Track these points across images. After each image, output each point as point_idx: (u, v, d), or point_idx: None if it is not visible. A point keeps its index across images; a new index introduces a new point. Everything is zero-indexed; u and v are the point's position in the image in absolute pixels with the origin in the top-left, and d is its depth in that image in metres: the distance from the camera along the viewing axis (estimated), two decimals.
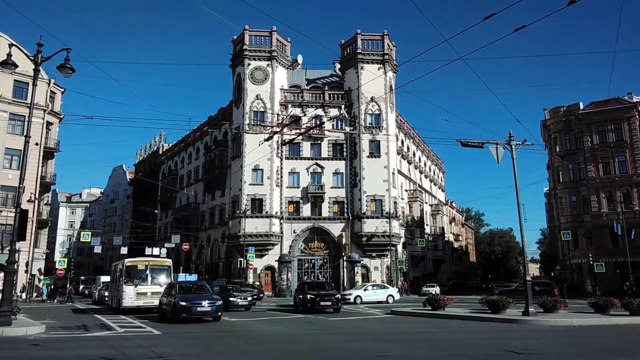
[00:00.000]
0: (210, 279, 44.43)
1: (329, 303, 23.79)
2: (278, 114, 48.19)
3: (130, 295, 22.00)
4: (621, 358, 10.82)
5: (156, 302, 21.84)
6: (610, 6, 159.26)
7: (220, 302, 18.52)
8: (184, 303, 17.66)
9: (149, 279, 22.75)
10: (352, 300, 31.69)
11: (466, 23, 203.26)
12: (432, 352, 11.42)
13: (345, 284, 44.42)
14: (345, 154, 49.01)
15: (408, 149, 61.69)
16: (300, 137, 45.46)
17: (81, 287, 51.70)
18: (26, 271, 38.02)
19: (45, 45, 16.05)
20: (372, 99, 48.17)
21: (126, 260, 23.87)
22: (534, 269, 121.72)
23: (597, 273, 41.19)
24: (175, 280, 25.79)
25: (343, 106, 49.84)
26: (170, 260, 25.32)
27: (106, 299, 32.37)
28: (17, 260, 17.33)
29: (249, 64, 48.93)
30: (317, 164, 48.68)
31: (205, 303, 17.98)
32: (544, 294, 32.26)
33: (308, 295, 24.05)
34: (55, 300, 37.51)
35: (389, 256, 47.60)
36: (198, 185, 59.54)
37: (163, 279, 23.01)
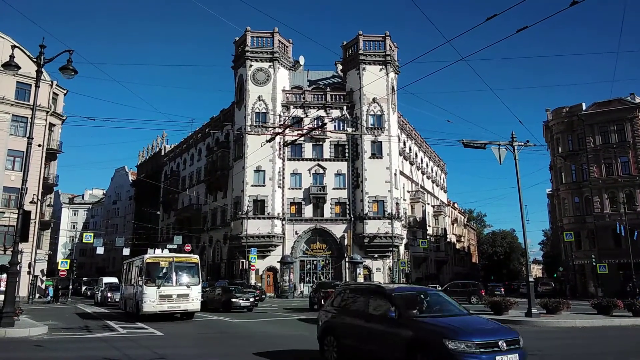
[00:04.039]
0: (213, 280, 44.43)
1: None
2: (280, 115, 48.23)
3: (152, 299, 18.53)
4: (632, 359, 10.81)
5: (183, 307, 19.13)
6: (613, 7, 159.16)
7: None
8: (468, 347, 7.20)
9: (174, 278, 19.35)
10: None
11: (468, 24, 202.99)
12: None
13: None
14: (347, 155, 49.01)
15: (410, 150, 61.64)
16: (302, 138, 45.51)
17: (83, 288, 51.83)
18: (29, 272, 38.09)
19: (48, 47, 16.08)
20: (374, 100, 48.17)
21: (146, 255, 20.32)
22: (536, 270, 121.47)
23: (600, 274, 41.07)
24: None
25: (345, 107, 49.85)
26: (197, 257, 21.41)
27: (109, 299, 32.10)
28: (19, 261, 17.37)
29: (250, 66, 48.97)
30: (319, 165, 48.69)
31: (503, 344, 7.40)
32: (471, 295, 32.52)
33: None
34: (59, 302, 37.59)
35: (391, 257, 47.54)
36: (200, 186, 59.60)
37: (189, 278, 19.78)
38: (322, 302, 23.85)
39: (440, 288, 41.62)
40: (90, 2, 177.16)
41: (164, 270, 19.39)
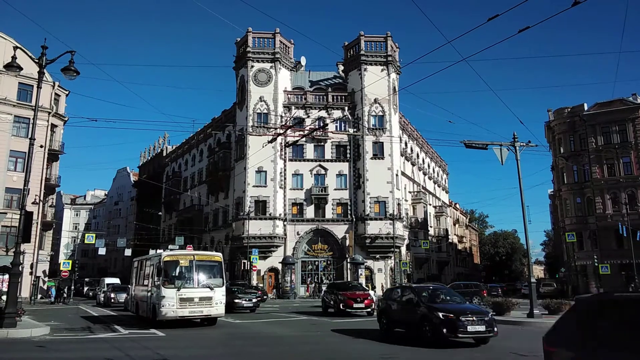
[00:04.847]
0: None
1: (362, 305, 22.41)
2: (281, 116, 48.25)
3: (171, 302, 16.31)
4: None
5: (206, 311, 16.85)
6: (614, 7, 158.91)
7: None
8: None
9: (195, 279, 17.12)
10: None
11: (470, 25, 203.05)
12: (438, 355, 11.37)
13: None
14: (348, 155, 49.01)
15: (411, 150, 61.62)
16: (304, 139, 45.47)
17: (85, 288, 51.94)
18: (31, 273, 38.17)
19: (50, 48, 16.09)
20: (375, 101, 48.17)
21: (164, 253, 18.20)
22: (538, 271, 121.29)
23: (602, 275, 41.02)
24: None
25: (346, 108, 49.85)
26: (220, 255, 18.89)
27: (112, 300, 31.51)
28: (21, 262, 17.38)
29: (252, 66, 49.01)
30: (320, 165, 48.69)
31: None
32: (473, 296, 32.30)
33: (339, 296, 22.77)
34: (61, 302, 37.66)
35: (392, 258, 47.50)
36: (202, 187, 59.64)
37: (213, 279, 17.49)
38: (340, 306, 22.22)
39: None
40: (92, 3, 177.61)
41: (184, 270, 17.20)
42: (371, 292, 27.14)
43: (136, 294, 20.83)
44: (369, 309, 22.35)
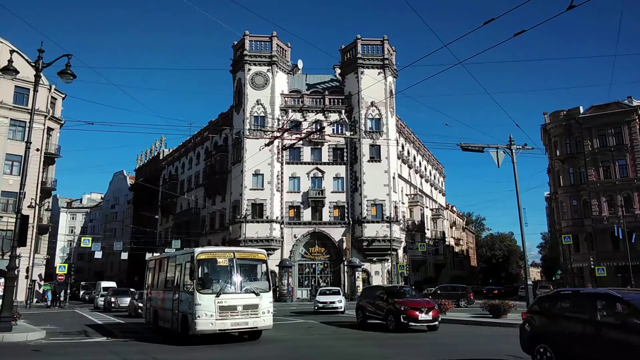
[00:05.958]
0: None
1: (429, 317, 16.79)
2: (278, 119, 48.27)
3: (208, 312, 12.81)
4: None
5: (251, 323, 13.35)
6: (610, 10, 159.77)
7: None
8: None
9: (237, 282, 13.62)
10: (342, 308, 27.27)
11: (466, 28, 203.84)
12: (435, 357, 11.38)
13: (346, 289, 44.28)
14: (345, 158, 49.05)
15: (408, 153, 61.72)
16: (301, 142, 45.57)
17: (82, 292, 51.71)
18: (27, 277, 38.03)
19: (47, 52, 16.09)
20: (372, 104, 48.28)
21: (197, 249, 14.31)
22: (535, 273, 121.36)
23: (599, 277, 41.13)
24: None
25: (343, 111, 49.92)
26: (264, 252, 15.21)
27: (113, 304, 30.21)
28: (17, 265, 17.31)
29: (249, 69, 49.07)
30: (317, 168, 48.72)
31: None
32: (460, 298, 32.72)
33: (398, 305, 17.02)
34: (57, 306, 37.50)
35: (389, 261, 47.51)
36: (199, 190, 59.58)
37: (258, 282, 14.21)
38: (401, 318, 16.58)
39: (432, 290, 41.50)
40: (89, 7, 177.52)
41: (224, 271, 13.72)
42: None
43: (154, 301, 17.16)
44: (436, 323, 17.00)
